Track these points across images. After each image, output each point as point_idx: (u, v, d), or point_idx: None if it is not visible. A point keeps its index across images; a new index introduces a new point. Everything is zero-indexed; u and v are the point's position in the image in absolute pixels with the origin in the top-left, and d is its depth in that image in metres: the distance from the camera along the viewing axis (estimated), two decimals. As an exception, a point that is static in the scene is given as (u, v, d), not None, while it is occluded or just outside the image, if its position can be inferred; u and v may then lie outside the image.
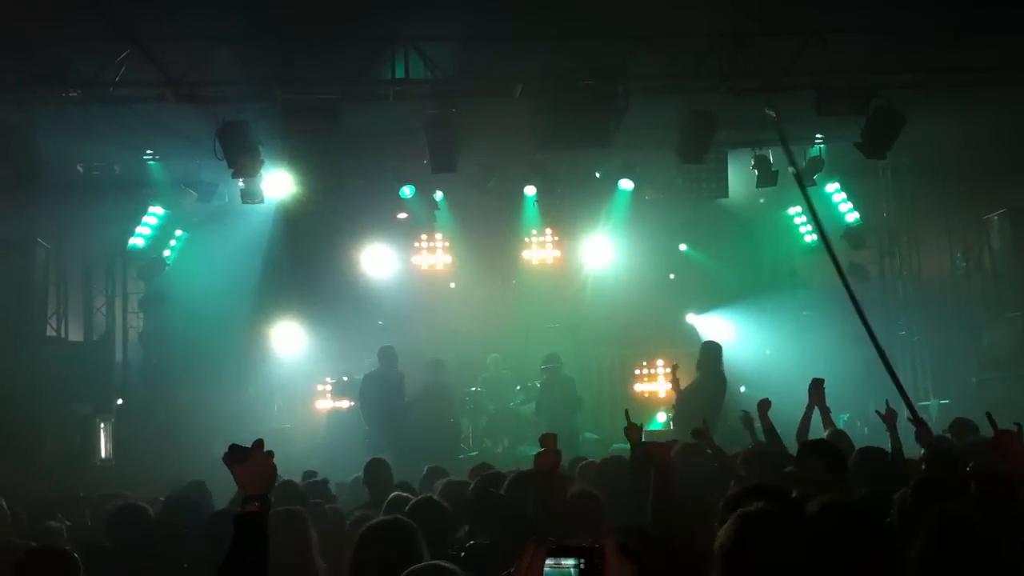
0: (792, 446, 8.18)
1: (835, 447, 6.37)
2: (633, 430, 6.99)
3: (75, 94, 11.97)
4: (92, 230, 16.53)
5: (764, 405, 8.61)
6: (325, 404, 17.28)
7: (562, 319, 18.00)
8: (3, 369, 13.63)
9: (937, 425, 14.55)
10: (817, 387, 8.65)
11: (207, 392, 16.92)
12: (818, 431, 8.38)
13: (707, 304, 18.35)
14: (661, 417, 16.91)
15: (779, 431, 8.58)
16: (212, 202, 15.98)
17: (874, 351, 16.74)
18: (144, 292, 17.08)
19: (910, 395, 16.68)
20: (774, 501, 4.02)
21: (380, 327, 17.48)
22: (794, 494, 4.82)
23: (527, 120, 12.58)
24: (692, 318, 18.23)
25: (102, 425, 15.27)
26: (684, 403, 12.97)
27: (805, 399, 8.59)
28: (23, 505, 7.88)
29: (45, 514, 7.77)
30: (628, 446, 7.32)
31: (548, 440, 6.06)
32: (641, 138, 14.36)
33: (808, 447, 6.32)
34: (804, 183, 12.36)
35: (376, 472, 8.40)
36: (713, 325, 18.15)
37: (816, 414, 8.59)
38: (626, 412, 7.20)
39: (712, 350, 13.37)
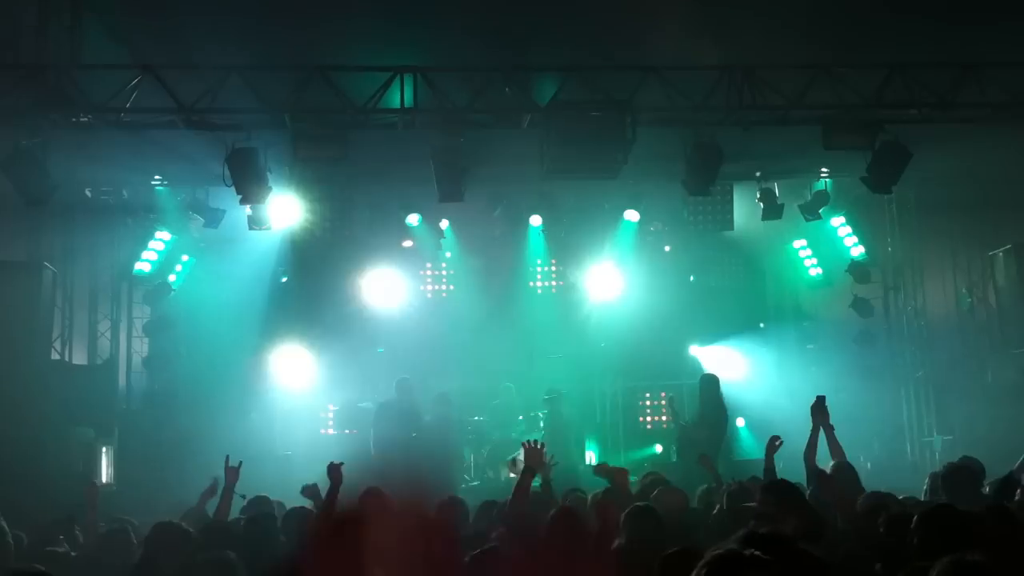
0: (801, 470, 8.15)
1: (789, 484, 6.28)
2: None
3: (86, 119, 12.04)
4: (99, 254, 16.58)
5: (771, 444, 8.55)
6: (328, 431, 17.27)
7: (567, 348, 17.99)
8: (7, 391, 13.61)
9: (941, 461, 14.55)
10: (820, 406, 8.30)
11: (210, 418, 16.89)
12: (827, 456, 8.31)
13: (711, 336, 18.33)
14: (659, 448, 16.98)
15: (782, 464, 8.59)
16: (219, 228, 16.03)
17: (878, 385, 16.88)
18: (149, 317, 17.10)
19: (913, 430, 16.83)
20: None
21: (380, 355, 17.51)
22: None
23: (535, 150, 12.62)
24: (696, 350, 18.19)
25: (104, 449, 15.23)
26: (686, 436, 13.02)
27: (809, 432, 8.47)
28: (24, 528, 7.85)
29: (46, 537, 7.74)
30: (633, 477, 7.52)
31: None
32: (648, 169, 14.42)
33: (763, 486, 6.38)
34: None
35: None
36: (717, 357, 18.13)
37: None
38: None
39: (711, 383, 13.44)
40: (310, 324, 17.63)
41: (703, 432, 13.02)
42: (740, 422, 17.12)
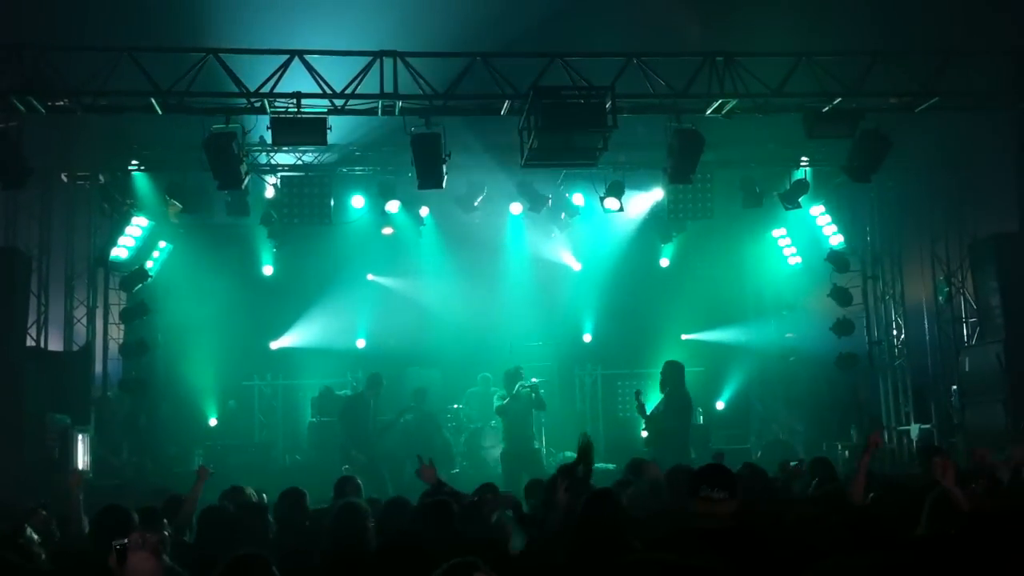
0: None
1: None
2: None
3: (63, 102, 11.90)
4: (75, 240, 16.39)
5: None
6: (305, 418, 17.23)
7: (546, 337, 18.00)
8: (-19, 378, 13.47)
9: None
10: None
11: (187, 405, 16.82)
12: None
13: (691, 325, 18.38)
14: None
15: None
16: (196, 214, 15.88)
17: (856, 374, 16.95)
18: (126, 303, 16.94)
19: (890, 419, 16.92)
20: None
21: (359, 343, 17.48)
22: None
23: (515, 137, 12.55)
24: (681, 338, 18.25)
25: (80, 436, 15.09)
26: (655, 425, 12.98)
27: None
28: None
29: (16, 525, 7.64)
30: (612, 465, 7.47)
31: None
32: (628, 157, 14.40)
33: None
34: None
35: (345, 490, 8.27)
36: (697, 344, 18.19)
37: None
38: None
39: (675, 369, 13.39)
40: (289, 310, 17.58)
41: (671, 422, 12.94)
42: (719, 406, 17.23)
